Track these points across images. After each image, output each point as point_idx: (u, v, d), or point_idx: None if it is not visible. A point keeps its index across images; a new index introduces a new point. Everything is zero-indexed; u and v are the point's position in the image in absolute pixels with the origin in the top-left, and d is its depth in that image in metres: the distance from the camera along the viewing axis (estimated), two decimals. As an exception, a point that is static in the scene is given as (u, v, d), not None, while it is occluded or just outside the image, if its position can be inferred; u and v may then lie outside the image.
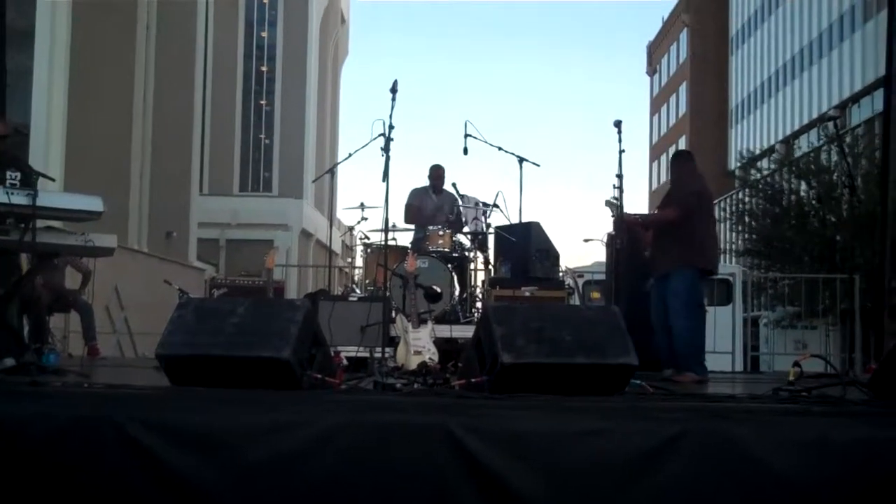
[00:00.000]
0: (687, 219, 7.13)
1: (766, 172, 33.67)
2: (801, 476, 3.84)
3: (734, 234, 35.64)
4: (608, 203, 7.34)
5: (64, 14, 15.43)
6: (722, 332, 11.86)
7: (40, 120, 14.66)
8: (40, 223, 6.12)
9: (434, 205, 9.65)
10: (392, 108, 6.62)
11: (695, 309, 7.20)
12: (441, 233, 8.92)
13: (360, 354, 7.09)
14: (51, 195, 6.26)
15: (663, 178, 62.95)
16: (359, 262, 9.94)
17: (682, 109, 59.16)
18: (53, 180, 7.44)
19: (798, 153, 33.30)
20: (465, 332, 7.86)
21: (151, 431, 3.86)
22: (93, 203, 6.39)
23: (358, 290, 9.49)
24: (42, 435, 3.88)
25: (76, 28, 15.91)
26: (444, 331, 7.81)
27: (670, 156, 7.61)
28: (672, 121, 62.03)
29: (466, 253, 9.19)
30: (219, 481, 3.82)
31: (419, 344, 6.59)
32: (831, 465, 3.85)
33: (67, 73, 15.58)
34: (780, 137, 44.36)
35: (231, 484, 3.82)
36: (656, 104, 66.84)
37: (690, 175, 7.60)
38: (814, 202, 27.21)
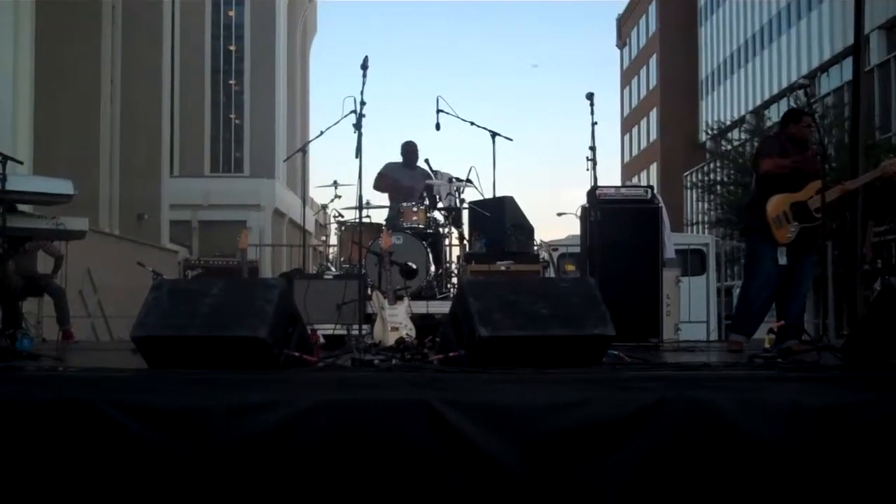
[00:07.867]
0: None
1: (736, 143, 33.81)
2: (777, 442, 3.88)
3: (706, 205, 35.84)
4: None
5: (27, -4, 15.23)
6: (696, 301, 12.08)
7: (6, 103, 14.46)
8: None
9: (408, 180, 9.62)
10: (363, 84, 6.60)
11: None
12: (415, 209, 8.90)
13: (337, 332, 7.07)
14: (20, 178, 6.19)
15: (635, 151, 63.15)
16: (333, 240, 9.91)
17: (653, 82, 59.25)
18: (21, 163, 7.36)
19: (768, 123, 33.42)
20: (441, 307, 7.85)
21: (129, 413, 3.84)
22: (63, 186, 6.35)
23: (333, 268, 9.46)
24: (18, 419, 3.86)
25: (41, 11, 15.70)
26: (421, 307, 7.80)
27: (784, 114, 6.90)
28: (643, 93, 62.14)
29: (441, 229, 9.17)
30: (198, 462, 3.81)
31: (396, 320, 6.58)
32: (806, 430, 3.90)
33: (33, 55, 15.37)
34: (751, 108, 44.55)
35: (210, 464, 3.82)
36: (627, 77, 66.91)
37: None
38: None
